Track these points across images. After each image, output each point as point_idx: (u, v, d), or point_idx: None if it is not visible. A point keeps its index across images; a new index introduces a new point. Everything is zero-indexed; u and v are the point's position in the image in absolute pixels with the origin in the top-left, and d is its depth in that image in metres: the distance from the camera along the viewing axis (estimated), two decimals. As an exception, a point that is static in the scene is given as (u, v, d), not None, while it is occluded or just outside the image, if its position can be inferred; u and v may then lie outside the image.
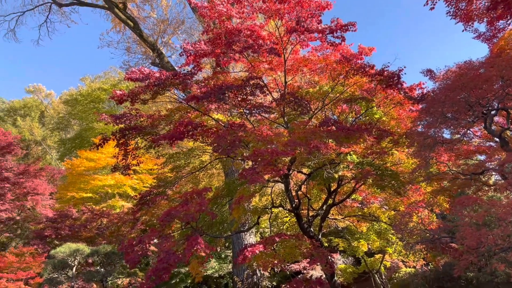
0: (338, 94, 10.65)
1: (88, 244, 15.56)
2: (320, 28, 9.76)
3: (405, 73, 10.16)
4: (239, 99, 9.54)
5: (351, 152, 9.16)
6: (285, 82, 10.54)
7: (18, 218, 20.87)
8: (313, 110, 10.83)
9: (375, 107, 10.73)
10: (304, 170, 10.22)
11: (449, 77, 9.67)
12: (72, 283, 13.33)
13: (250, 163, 10.25)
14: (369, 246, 14.38)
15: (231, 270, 17.62)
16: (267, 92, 10.36)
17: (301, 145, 7.61)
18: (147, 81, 9.95)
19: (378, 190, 11.31)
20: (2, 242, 21.78)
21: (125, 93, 10.25)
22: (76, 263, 13.52)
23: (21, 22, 31.67)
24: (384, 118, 10.93)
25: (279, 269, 15.58)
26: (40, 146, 50.50)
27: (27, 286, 14.08)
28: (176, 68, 18.33)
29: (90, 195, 24.01)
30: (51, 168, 29.69)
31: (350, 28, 9.79)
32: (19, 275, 14.09)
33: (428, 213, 9.79)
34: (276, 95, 11.23)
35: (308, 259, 13.61)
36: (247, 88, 9.12)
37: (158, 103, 20.90)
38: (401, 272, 15.26)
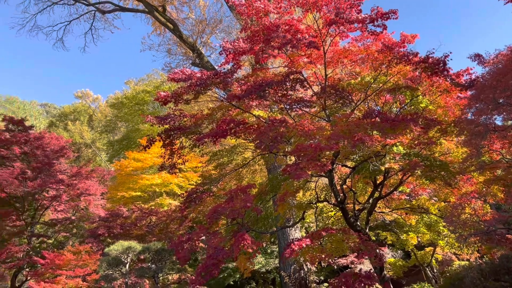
0: (381, 85, 10.39)
1: (139, 242, 16.15)
2: (360, 18, 9.55)
3: (451, 59, 9.76)
4: (279, 94, 9.54)
5: (397, 144, 8.92)
6: (326, 75, 10.41)
7: (73, 218, 21.99)
8: (355, 102, 10.64)
9: (421, 96, 10.39)
10: (349, 164, 10.08)
11: (500, 61, 9.18)
12: (126, 279, 13.91)
13: (293, 158, 10.24)
14: (419, 239, 13.97)
15: (277, 265, 17.70)
16: (307, 86, 10.29)
17: (345, 138, 7.50)
18: (189, 82, 10.17)
19: (427, 182, 10.94)
20: (60, 241, 23.03)
21: (169, 94, 10.53)
22: (128, 260, 14.08)
23: (68, 31, 33.27)
24: (430, 107, 10.56)
25: (326, 264, 15.46)
26: (90, 149, 52.84)
27: (84, 282, 14.83)
28: (216, 67, 18.58)
29: (139, 194, 24.91)
30: (101, 170, 30.98)
31: (391, 16, 9.52)
32: (77, 272, 14.88)
33: (481, 203, 9.38)
34: (316, 88, 11.12)
35: (356, 253, 13.43)
36: (287, 83, 9.09)
37: (200, 103, 21.25)
38: (454, 265, 14.72)
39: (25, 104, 74.87)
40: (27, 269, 19.75)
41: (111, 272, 13.80)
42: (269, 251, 18.80)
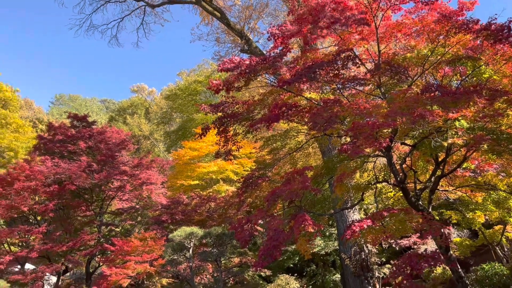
0: (438, 57, 9.86)
1: (200, 227, 16.71)
2: (412, -12, 9.09)
3: (516, 24, 9.02)
4: (331, 75, 9.36)
5: (460, 118, 8.46)
6: (379, 51, 10.05)
7: (137, 206, 23.13)
8: (411, 77, 10.20)
9: (483, 66, 9.74)
10: (408, 141, 9.73)
11: None
12: (190, 263, 14.48)
13: (348, 139, 10.06)
14: (487, 217, 13.27)
15: (337, 247, 17.62)
16: (359, 63, 10.00)
17: (403, 114, 7.23)
18: (238, 69, 10.25)
19: (493, 156, 10.30)
20: (127, 229, 24.34)
21: (220, 82, 10.67)
22: (191, 245, 14.64)
23: (121, 28, 34.62)
24: (494, 77, 9.88)
25: (387, 245, 15.17)
26: (149, 140, 55.06)
27: (152, 267, 15.62)
28: (265, 52, 18.53)
29: (197, 182, 25.68)
30: (160, 160, 32.22)
31: (447, -18, 8.96)
32: (144, 258, 15.69)
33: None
34: (369, 66, 10.77)
35: (418, 234, 13.02)
36: (338, 62, 8.89)
37: (251, 89, 21.39)
38: (527, 244, 13.89)
39: (87, 101, 79.30)
40: (99, 256, 21.14)
41: (176, 257, 14.43)
42: (327, 234, 18.74)
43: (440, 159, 10.09)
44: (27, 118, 53.26)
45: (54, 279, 22.12)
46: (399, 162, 10.23)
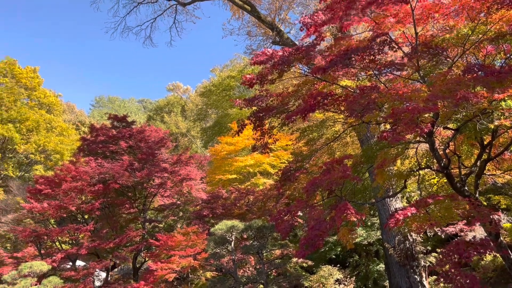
0: (480, 35, 9.41)
1: (240, 220, 16.88)
2: (449, -35, 8.70)
3: None
4: (366, 60, 9.14)
5: (506, 98, 8.06)
6: (416, 34, 9.71)
7: (178, 202, 23.65)
8: (451, 58, 9.80)
9: (530, 42, 9.21)
10: (450, 125, 9.38)
11: None
12: (232, 256, 14.68)
13: (387, 126, 9.82)
14: (539, 201, 12.64)
15: (379, 237, 17.32)
16: (396, 48, 9.71)
17: (444, 98, 6.98)
18: (271, 62, 10.20)
19: (545, 137, 9.78)
20: (169, 224, 24.98)
21: (254, 76, 10.68)
22: (233, 238, 14.82)
23: (154, 28, 35.24)
24: (543, 53, 9.33)
25: (433, 233, 14.75)
26: (186, 137, 56.08)
27: (195, 261, 15.95)
28: (297, 43, 18.36)
29: (235, 176, 25.94)
30: (198, 156, 32.74)
31: (487, -44, 8.51)
32: (188, 252, 16.05)
33: None
34: (406, 49, 10.44)
35: (465, 221, 12.57)
36: (374, 47, 8.66)
37: (284, 81, 21.26)
38: None
39: (125, 102, 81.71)
40: (145, 251, 21.81)
41: (218, 250, 14.66)
42: (369, 223, 18.46)
43: (485, 142, 9.67)
44: (70, 121, 55.56)
45: (103, 274, 23.05)
46: (442, 147, 9.90)
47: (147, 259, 20.91)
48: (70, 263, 20.35)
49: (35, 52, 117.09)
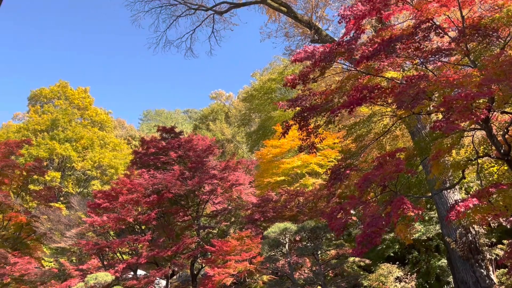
0: (534, 11, 8.83)
1: (292, 222, 16.81)
2: None
3: None
4: (411, 48, 8.84)
5: None
6: (462, 17, 9.28)
7: (229, 207, 23.95)
8: (503, 38, 9.25)
9: None
10: (508, 109, 8.85)
11: None
12: (288, 259, 14.65)
13: (439, 115, 9.42)
14: None
15: (439, 231, 16.62)
16: (441, 33, 9.32)
17: (499, 81, 6.60)
18: (313, 59, 10.11)
19: None
20: (223, 230, 25.35)
21: (296, 76, 10.64)
22: (287, 241, 14.79)
23: (194, 39, 36.09)
24: None
25: (497, 224, 13.93)
26: (232, 143, 56.79)
27: (251, 265, 16.06)
28: (336, 39, 18.10)
29: (283, 178, 25.88)
30: (245, 161, 32.98)
31: None
32: (243, 256, 16.20)
33: None
34: (453, 34, 9.99)
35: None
36: (419, 34, 8.36)
37: (326, 79, 21.01)
38: None
39: (171, 114, 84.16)
40: (201, 258, 22.26)
41: (273, 254, 14.68)
42: (426, 217, 17.76)
43: (550, 124, 9.04)
44: (121, 136, 57.97)
45: (163, 282, 23.75)
46: (500, 133, 9.35)
47: (203, 265, 21.31)
48: (132, 273, 21.15)
49: (83, 72, 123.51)
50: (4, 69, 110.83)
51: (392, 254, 18.49)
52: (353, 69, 10.46)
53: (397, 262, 17.17)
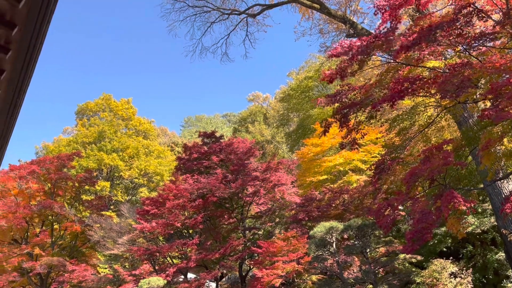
0: None
1: (338, 221, 16.60)
2: None
3: None
4: (453, 35, 8.51)
5: None
6: (506, -3, 8.83)
7: (273, 208, 23.98)
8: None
9: None
10: None
11: None
12: (336, 258, 14.46)
13: (487, 102, 9.02)
14: None
15: (494, 223, 15.85)
16: (484, 17, 8.91)
17: (552, 61, 6.23)
18: (350, 53, 9.96)
19: None
20: (268, 231, 25.39)
21: (333, 71, 10.51)
22: (334, 240, 14.60)
23: (229, 44, 36.58)
24: None
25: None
26: (271, 144, 56.84)
27: (299, 265, 15.99)
28: (372, 32, 17.69)
29: (325, 176, 25.59)
30: (286, 161, 32.85)
31: None
32: (290, 257, 16.16)
33: None
34: (497, 17, 9.53)
35: None
36: (460, 19, 8.03)
37: (364, 73, 20.62)
38: None
39: (211, 119, 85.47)
40: (248, 259, 22.42)
41: (320, 253, 14.55)
42: (480, 210, 16.99)
43: None
44: (165, 143, 59.48)
45: (213, 285, 24.13)
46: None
47: (251, 266, 21.45)
48: (182, 276, 21.64)
49: (123, 83, 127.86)
50: (52, 85, 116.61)
51: (444, 249, 17.83)
52: (392, 61, 10.21)
53: (451, 257, 16.53)
